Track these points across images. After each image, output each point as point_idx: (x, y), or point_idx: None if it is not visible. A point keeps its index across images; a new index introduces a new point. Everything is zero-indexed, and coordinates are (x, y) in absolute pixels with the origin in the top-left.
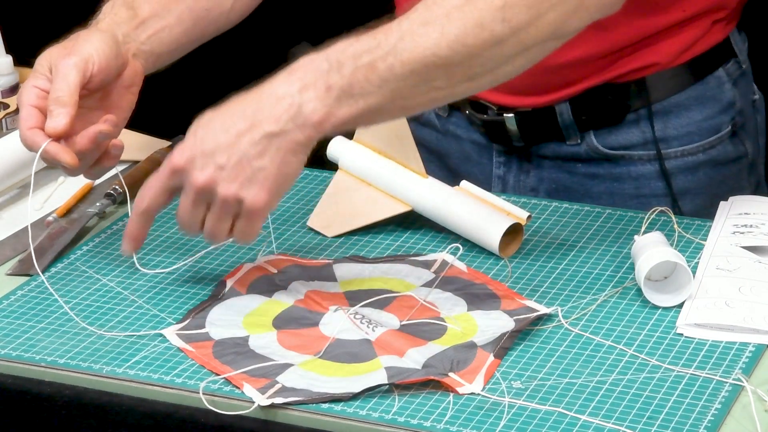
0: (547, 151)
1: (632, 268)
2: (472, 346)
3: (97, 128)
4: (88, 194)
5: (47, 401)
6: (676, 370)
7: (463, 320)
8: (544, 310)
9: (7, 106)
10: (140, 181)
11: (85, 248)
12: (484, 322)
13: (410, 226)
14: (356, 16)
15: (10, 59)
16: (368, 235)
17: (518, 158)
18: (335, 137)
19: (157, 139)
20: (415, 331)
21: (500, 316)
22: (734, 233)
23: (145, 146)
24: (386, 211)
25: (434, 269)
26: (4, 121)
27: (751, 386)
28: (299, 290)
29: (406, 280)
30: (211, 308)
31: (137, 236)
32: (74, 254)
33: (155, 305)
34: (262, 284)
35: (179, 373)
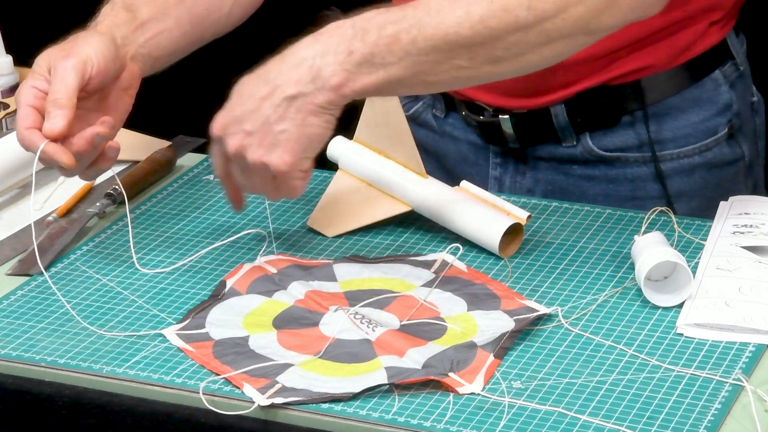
0: (542, 152)
1: (632, 268)
2: (472, 346)
3: (94, 130)
4: (88, 194)
5: (47, 401)
6: (676, 370)
7: (463, 320)
8: (544, 310)
9: (7, 106)
10: (140, 181)
11: (85, 248)
12: (484, 322)
13: (410, 226)
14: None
15: (10, 59)
16: (368, 235)
17: (514, 160)
18: (335, 137)
19: (157, 139)
20: (415, 331)
21: (500, 316)
22: (734, 233)
23: (145, 146)
24: (386, 211)
25: (434, 269)
26: (4, 121)
27: (751, 386)
28: (299, 290)
29: (406, 280)
30: (211, 308)
31: (233, 198)
32: (74, 254)
33: (155, 305)
34: (262, 284)
35: (179, 373)
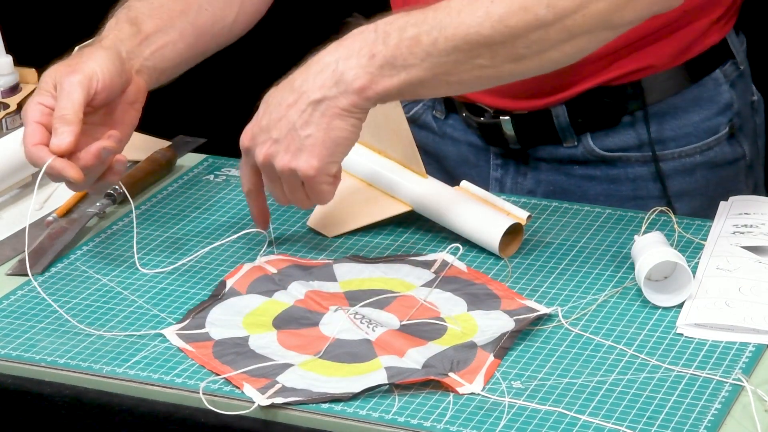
0: (543, 153)
1: (632, 268)
2: (472, 346)
3: (101, 144)
4: (88, 194)
5: (47, 401)
6: (676, 370)
7: (463, 320)
8: (544, 310)
9: (7, 106)
10: (140, 181)
11: (85, 248)
12: (484, 322)
13: (410, 226)
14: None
15: (10, 59)
16: (368, 235)
17: (515, 161)
18: None
19: (157, 139)
20: (415, 331)
21: (500, 316)
22: (734, 233)
23: (145, 146)
24: (386, 211)
25: (434, 269)
26: (4, 121)
27: (751, 386)
28: (299, 290)
29: (406, 280)
30: (211, 308)
31: (257, 214)
32: (74, 254)
33: (155, 305)
34: (262, 284)
35: (179, 373)
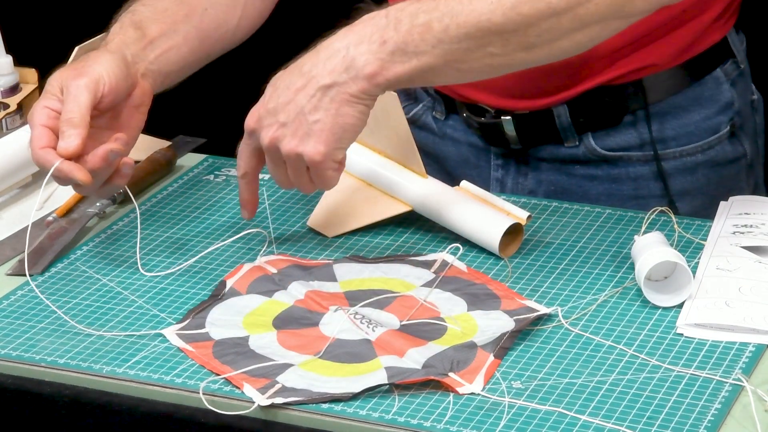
0: (544, 153)
1: (632, 268)
2: (472, 346)
3: (108, 147)
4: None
5: (47, 401)
6: (676, 370)
7: (463, 320)
8: (544, 310)
9: (7, 106)
10: (141, 180)
11: (85, 248)
12: (484, 322)
13: (410, 226)
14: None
15: (10, 59)
16: (368, 235)
17: (516, 161)
18: None
19: (157, 139)
20: (415, 331)
21: (500, 316)
22: (734, 233)
23: (145, 146)
24: (386, 211)
25: (434, 269)
26: (4, 121)
27: (751, 386)
28: (299, 290)
29: (406, 280)
30: (211, 308)
31: (247, 200)
32: (74, 254)
33: (155, 305)
34: (262, 284)
35: (179, 373)
